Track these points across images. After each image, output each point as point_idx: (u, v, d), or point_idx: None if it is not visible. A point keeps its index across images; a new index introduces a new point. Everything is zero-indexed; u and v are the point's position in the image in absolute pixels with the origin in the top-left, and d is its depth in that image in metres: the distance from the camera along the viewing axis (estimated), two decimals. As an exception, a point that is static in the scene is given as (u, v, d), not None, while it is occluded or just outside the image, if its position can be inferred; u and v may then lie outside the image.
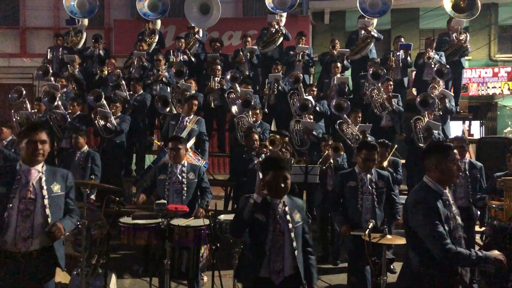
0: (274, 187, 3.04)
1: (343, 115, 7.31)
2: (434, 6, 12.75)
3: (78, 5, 9.81)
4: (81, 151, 6.50)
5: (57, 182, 3.31)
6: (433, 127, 7.05)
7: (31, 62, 14.38)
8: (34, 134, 3.18)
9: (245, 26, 13.30)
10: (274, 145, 6.48)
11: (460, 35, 8.66)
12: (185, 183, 5.00)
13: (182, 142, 5.15)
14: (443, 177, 2.94)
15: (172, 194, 4.97)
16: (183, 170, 5.05)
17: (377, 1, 8.93)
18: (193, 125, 6.79)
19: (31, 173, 3.21)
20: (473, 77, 13.87)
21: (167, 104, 7.79)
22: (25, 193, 3.15)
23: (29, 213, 3.14)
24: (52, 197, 3.25)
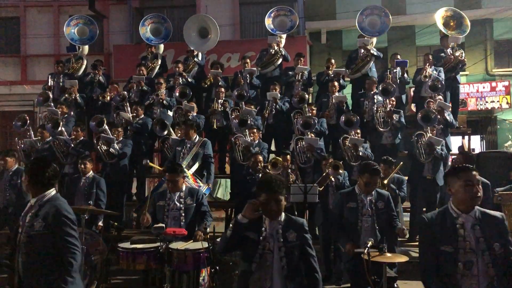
0: (267, 209, 3.08)
1: (351, 130, 7.32)
2: (430, 23, 12.86)
3: (79, 33, 9.97)
4: (86, 176, 6.56)
5: (41, 218, 3.04)
6: (435, 142, 7.05)
7: (32, 89, 14.50)
8: None
9: (243, 48, 13.43)
10: (276, 167, 6.47)
11: (456, 51, 8.73)
12: (182, 209, 4.99)
13: (179, 173, 5.08)
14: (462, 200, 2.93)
15: (170, 221, 4.96)
16: (181, 196, 5.04)
17: (376, 21, 9.03)
18: (198, 148, 6.75)
19: (27, 207, 3.21)
20: (471, 92, 13.92)
21: (165, 127, 7.83)
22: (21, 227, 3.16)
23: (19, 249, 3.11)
24: (31, 235, 3.03)
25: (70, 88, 8.90)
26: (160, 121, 7.86)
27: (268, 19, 9.39)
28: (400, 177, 6.40)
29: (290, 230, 3.16)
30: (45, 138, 7.98)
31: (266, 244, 3.10)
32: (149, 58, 9.69)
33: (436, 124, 7.45)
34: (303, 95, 8.03)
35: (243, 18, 15.09)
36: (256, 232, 3.13)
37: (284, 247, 3.09)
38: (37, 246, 3.03)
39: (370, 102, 8.06)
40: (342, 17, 14.50)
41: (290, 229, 3.16)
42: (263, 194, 3.07)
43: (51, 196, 3.15)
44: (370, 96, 8.17)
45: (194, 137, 6.85)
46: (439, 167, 7.15)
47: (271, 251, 3.09)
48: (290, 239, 3.13)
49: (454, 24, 8.97)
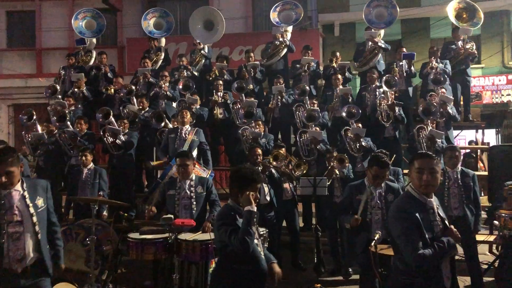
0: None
1: (352, 122, 7.29)
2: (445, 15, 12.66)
3: (87, 26, 10.05)
4: (88, 168, 6.63)
5: (39, 195, 3.34)
6: (436, 136, 6.98)
7: (47, 82, 14.66)
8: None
9: (255, 41, 13.39)
10: (278, 160, 6.47)
11: (467, 44, 8.60)
12: (193, 198, 5.04)
13: (189, 157, 5.17)
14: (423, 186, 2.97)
15: (181, 210, 5.00)
16: (191, 185, 5.08)
17: (383, 12, 8.89)
18: (193, 136, 6.87)
19: (12, 196, 3.22)
20: (487, 85, 13.70)
21: (161, 119, 7.87)
22: (11, 217, 3.18)
23: (18, 235, 3.19)
24: (38, 213, 3.28)
25: (77, 82, 8.98)
26: (156, 113, 7.90)
27: (273, 13, 9.36)
28: (396, 169, 6.37)
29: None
30: (51, 132, 8.09)
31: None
32: (152, 51, 9.73)
33: (438, 118, 7.38)
34: (304, 87, 8.00)
35: (255, 11, 15.07)
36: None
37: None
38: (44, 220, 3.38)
39: (372, 96, 7.98)
40: (355, 9, 14.36)
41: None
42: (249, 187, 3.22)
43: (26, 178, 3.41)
44: (372, 89, 8.09)
45: (188, 125, 6.99)
46: (440, 160, 7.07)
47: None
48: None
49: (467, 16, 8.80)
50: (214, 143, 8.58)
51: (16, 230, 3.18)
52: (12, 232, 3.17)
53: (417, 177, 2.98)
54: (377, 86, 8.04)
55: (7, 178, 3.16)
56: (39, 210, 3.29)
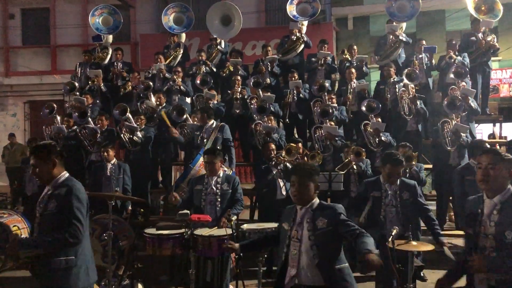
0: (294, 193, 3.20)
1: (372, 116, 7.22)
2: (460, 7, 12.50)
3: (103, 22, 10.07)
4: (111, 163, 6.69)
5: (56, 198, 3.16)
6: (461, 130, 6.87)
7: (62, 79, 14.81)
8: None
9: (268, 36, 13.36)
10: (291, 154, 6.44)
11: (487, 36, 8.46)
12: (219, 194, 5.06)
13: (216, 154, 5.17)
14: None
15: (207, 205, 5.05)
16: (218, 181, 5.11)
17: (405, 5, 8.75)
18: (216, 133, 6.84)
19: (45, 192, 3.30)
20: (504, 77, 13.49)
21: (183, 113, 7.87)
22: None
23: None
24: (44, 215, 3.19)
25: (94, 78, 9.03)
26: (178, 107, 7.91)
27: (290, 6, 9.27)
28: (418, 164, 6.32)
29: (321, 217, 3.13)
30: (70, 126, 8.17)
31: (294, 233, 3.14)
32: (171, 47, 9.73)
33: (461, 111, 7.28)
34: (323, 83, 7.95)
35: (268, 5, 15.01)
36: (288, 221, 3.26)
37: (314, 236, 3.09)
38: (47, 225, 3.15)
39: (391, 89, 7.90)
40: (369, 3, 14.23)
41: (321, 216, 3.14)
42: (292, 176, 3.25)
43: (65, 178, 3.25)
44: (390, 83, 8.01)
45: (211, 122, 6.93)
46: (465, 154, 6.97)
47: (299, 239, 3.11)
48: (320, 226, 3.11)
49: (486, 9, 8.65)
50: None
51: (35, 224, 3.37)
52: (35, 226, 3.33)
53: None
54: (396, 81, 7.95)
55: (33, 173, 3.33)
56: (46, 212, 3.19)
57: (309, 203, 3.18)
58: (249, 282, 4.91)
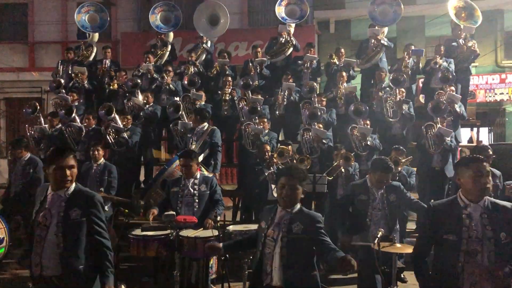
0: (281, 195, 3.19)
1: (360, 120, 7.30)
2: (440, 13, 12.77)
3: (89, 20, 9.90)
4: (98, 163, 6.59)
5: (78, 207, 3.09)
6: (445, 133, 6.98)
7: (40, 76, 14.57)
8: (62, 160, 3.06)
9: (250, 37, 13.40)
10: (283, 156, 6.48)
11: (468, 42, 8.64)
12: (196, 195, 5.03)
13: (193, 157, 5.14)
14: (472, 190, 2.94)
15: (184, 207, 5.00)
16: (195, 183, 5.08)
17: (388, 10, 8.87)
18: (206, 136, 6.80)
19: (52, 198, 3.11)
20: (480, 83, 13.84)
21: (179, 109, 7.81)
22: (42, 219, 3.07)
23: (40, 239, 3.04)
24: (68, 223, 3.06)
25: (79, 74, 8.89)
26: (174, 103, 7.85)
27: (279, 7, 9.29)
28: (410, 168, 6.40)
29: (298, 222, 3.17)
30: (54, 125, 8.00)
31: (270, 232, 3.18)
32: (158, 46, 9.64)
33: (446, 116, 7.40)
34: (312, 85, 8.00)
35: (251, 7, 15.04)
36: (266, 221, 3.27)
37: (286, 238, 3.12)
38: (74, 234, 3.08)
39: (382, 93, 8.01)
40: (351, 7, 14.40)
41: (298, 221, 3.17)
42: (282, 177, 3.21)
43: (77, 185, 3.19)
44: (381, 87, 8.11)
45: (203, 125, 6.88)
46: (448, 158, 7.10)
47: (274, 240, 3.15)
48: (294, 231, 3.14)
49: (465, 15, 8.85)
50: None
51: (40, 233, 3.05)
52: (38, 234, 3.06)
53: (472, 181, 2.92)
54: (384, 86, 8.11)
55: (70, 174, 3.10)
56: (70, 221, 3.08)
57: (292, 207, 3.21)
58: (235, 284, 4.91)
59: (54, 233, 3.03)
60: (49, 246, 3.02)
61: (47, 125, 8.00)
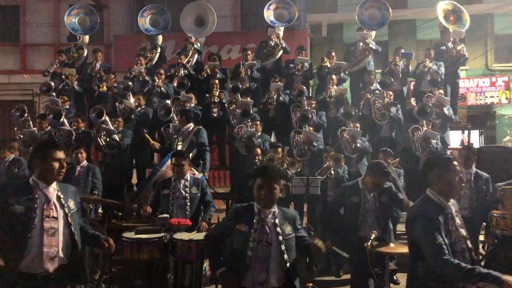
0: (259, 195, 3.09)
1: (350, 122, 7.34)
2: (431, 17, 12.88)
3: (79, 22, 9.89)
4: (81, 166, 6.56)
5: (71, 198, 3.24)
6: (431, 136, 7.07)
7: (31, 79, 14.48)
8: (58, 152, 3.09)
9: (243, 40, 13.42)
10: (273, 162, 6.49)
11: (457, 45, 8.73)
12: (188, 198, 5.02)
13: (185, 157, 5.14)
14: (445, 190, 2.94)
15: (176, 209, 4.98)
16: (186, 185, 5.06)
17: (376, 14, 8.98)
18: (192, 136, 6.81)
19: (50, 191, 3.12)
20: (471, 86, 13.97)
21: (170, 112, 7.81)
22: (48, 212, 3.05)
23: (53, 231, 3.04)
24: (72, 214, 3.18)
25: (69, 76, 8.85)
26: (165, 106, 7.84)
27: (267, 11, 9.36)
28: (398, 170, 6.46)
29: (286, 223, 3.17)
30: (43, 128, 7.95)
31: (264, 236, 3.06)
32: (148, 49, 9.65)
33: (432, 118, 7.48)
34: (301, 88, 8.04)
35: (244, 10, 15.07)
36: (247, 224, 3.11)
37: (284, 240, 3.08)
38: (76, 222, 3.20)
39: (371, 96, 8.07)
40: (343, 10, 14.49)
41: (286, 222, 3.17)
42: (258, 178, 3.11)
43: None
44: (370, 90, 8.17)
45: (188, 125, 6.88)
46: None
47: (269, 243, 3.06)
48: (287, 231, 3.14)
49: (454, 19, 8.96)
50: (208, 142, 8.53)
51: (52, 225, 3.04)
52: (48, 227, 3.02)
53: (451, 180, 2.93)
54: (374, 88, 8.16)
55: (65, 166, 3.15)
56: (72, 211, 3.18)
57: (272, 206, 3.16)
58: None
59: (64, 225, 3.10)
60: (64, 238, 3.09)
61: (37, 128, 7.95)
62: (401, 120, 7.76)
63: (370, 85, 8.28)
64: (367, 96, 7.95)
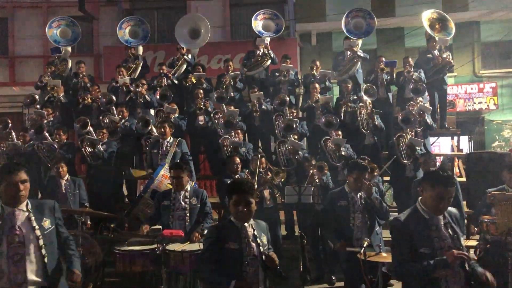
0: (237, 211, 3.08)
1: (332, 131, 7.39)
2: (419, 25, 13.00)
3: (61, 34, 9.93)
4: (65, 179, 6.55)
5: (46, 216, 3.16)
6: (416, 143, 7.17)
7: (21, 91, 14.38)
8: (13, 176, 3.03)
9: (233, 50, 13.45)
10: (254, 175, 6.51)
11: (443, 53, 8.85)
12: (188, 209, 4.99)
13: (183, 169, 5.12)
14: (432, 204, 2.99)
15: (176, 221, 4.96)
16: (186, 196, 5.04)
17: (361, 23, 9.11)
18: (175, 148, 6.85)
19: (16, 215, 3.05)
20: (460, 93, 14.09)
21: (148, 124, 7.83)
22: (12, 238, 2.99)
23: (19, 257, 2.97)
24: (45, 234, 3.09)
25: (54, 87, 8.83)
26: (143, 118, 7.86)
27: (255, 21, 9.45)
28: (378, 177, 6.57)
29: (262, 233, 3.21)
30: (26, 141, 7.92)
31: (251, 250, 3.09)
32: (130, 60, 9.67)
33: (416, 126, 7.59)
34: (283, 97, 8.09)
35: (233, 20, 15.14)
36: (235, 241, 3.08)
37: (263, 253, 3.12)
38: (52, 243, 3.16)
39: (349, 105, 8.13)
40: (332, 19, 14.57)
41: (261, 232, 3.22)
42: (234, 195, 3.09)
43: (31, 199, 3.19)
44: (348, 99, 8.25)
45: (169, 137, 6.97)
46: (420, 167, 7.25)
47: (256, 256, 3.10)
48: (264, 242, 3.18)
49: (439, 27, 9.08)
50: (195, 151, 8.51)
51: (17, 252, 2.97)
52: (13, 254, 2.96)
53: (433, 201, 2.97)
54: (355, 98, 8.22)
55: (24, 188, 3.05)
56: (46, 232, 3.10)
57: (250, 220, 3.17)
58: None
59: (35, 248, 3.01)
60: (34, 262, 3.00)
61: (20, 140, 7.91)
62: (383, 129, 7.86)
63: (347, 94, 8.37)
64: (348, 105, 8.01)
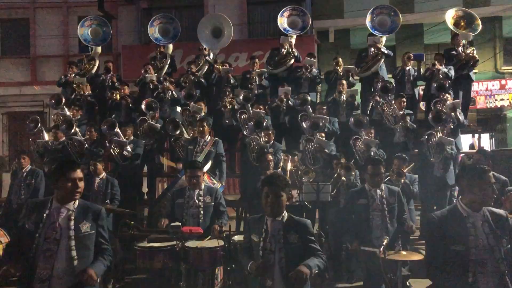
0: (267, 204, 3.19)
1: (361, 131, 7.32)
2: (438, 21, 12.85)
3: (92, 33, 10.00)
4: (100, 177, 6.63)
5: (88, 220, 3.12)
6: (446, 142, 6.98)
7: (42, 90, 14.65)
8: (73, 172, 3.07)
9: (250, 48, 13.47)
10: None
11: (467, 49, 8.69)
12: (201, 207, 5.01)
13: (200, 168, 5.16)
14: (475, 200, 2.95)
15: (189, 218, 4.98)
16: (200, 194, 5.06)
17: (386, 20, 8.98)
18: (210, 147, 6.82)
19: (60, 212, 3.07)
20: (481, 90, 13.89)
21: (178, 127, 7.85)
22: (50, 233, 3.00)
23: (51, 253, 2.97)
24: (80, 237, 3.06)
25: (80, 85, 8.93)
26: (173, 120, 7.88)
27: (281, 18, 9.35)
28: (412, 175, 6.43)
29: (292, 231, 3.21)
30: (58, 139, 8.00)
31: (267, 245, 3.18)
32: (158, 58, 9.68)
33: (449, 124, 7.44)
34: (304, 97, 7.96)
35: (250, 18, 15.14)
36: (258, 234, 3.24)
37: (284, 249, 3.16)
38: (85, 247, 3.10)
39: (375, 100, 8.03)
40: (349, 16, 14.50)
41: (292, 230, 3.22)
42: (265, 187, 3.21)
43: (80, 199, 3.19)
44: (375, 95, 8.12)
45: (207, 136, 6.93)
46: (449, 166, 7.12)
47: (273, 252, 3.16)
48: (291, 240, 3.19)
49: (465, 24, 8.92)
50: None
51: (50, 247, 2.97)
52: (45, 249, 2.96)
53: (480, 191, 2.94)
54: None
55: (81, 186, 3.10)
56: (81, 234, 3.07)
57: (280, 215, 3.23)
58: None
59: (66, 247, 3.00)
60: (62, 261, 2.99)
61: (51, 138, 8.01)
62: (415, 129, 7.66)
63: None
64: (377, 99, 7.91)
